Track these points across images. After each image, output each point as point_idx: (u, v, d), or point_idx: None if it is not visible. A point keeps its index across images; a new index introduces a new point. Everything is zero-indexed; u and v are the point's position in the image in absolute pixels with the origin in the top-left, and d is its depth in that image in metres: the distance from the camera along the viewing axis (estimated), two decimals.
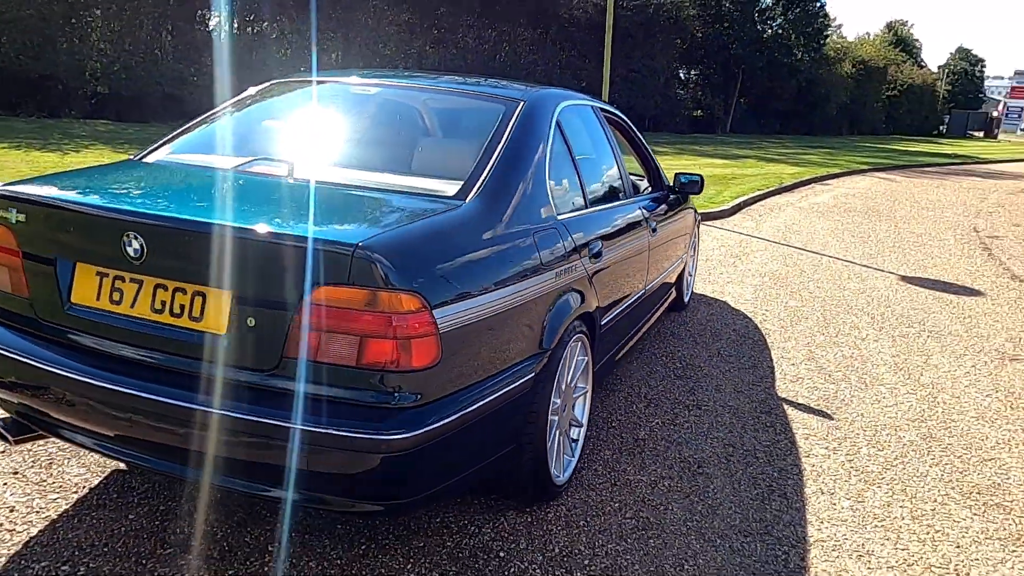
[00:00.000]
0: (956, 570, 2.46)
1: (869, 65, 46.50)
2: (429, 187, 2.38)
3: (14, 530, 2.31)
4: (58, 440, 2.38)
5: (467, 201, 2.25)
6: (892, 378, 4.20)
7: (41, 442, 2.82)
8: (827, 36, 41.55)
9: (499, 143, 2.52)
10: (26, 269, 2.14)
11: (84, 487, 2.57)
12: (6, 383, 2.18)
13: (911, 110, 53.74)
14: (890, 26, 63.03)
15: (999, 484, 3.06)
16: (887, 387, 4.05)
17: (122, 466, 2.70)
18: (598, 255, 2.91)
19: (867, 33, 60.35)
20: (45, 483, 2.58)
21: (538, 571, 2.29)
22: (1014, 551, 2.59)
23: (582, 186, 3.05)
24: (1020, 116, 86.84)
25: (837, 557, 2.48)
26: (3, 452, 2.77)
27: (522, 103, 2.77)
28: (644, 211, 3.75)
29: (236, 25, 20.09)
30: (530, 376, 2.32)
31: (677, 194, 4.50)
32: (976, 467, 3.19)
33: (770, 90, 37.39)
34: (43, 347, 2.10)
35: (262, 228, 1.85)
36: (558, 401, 2.59)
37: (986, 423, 3.66)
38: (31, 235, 2.13)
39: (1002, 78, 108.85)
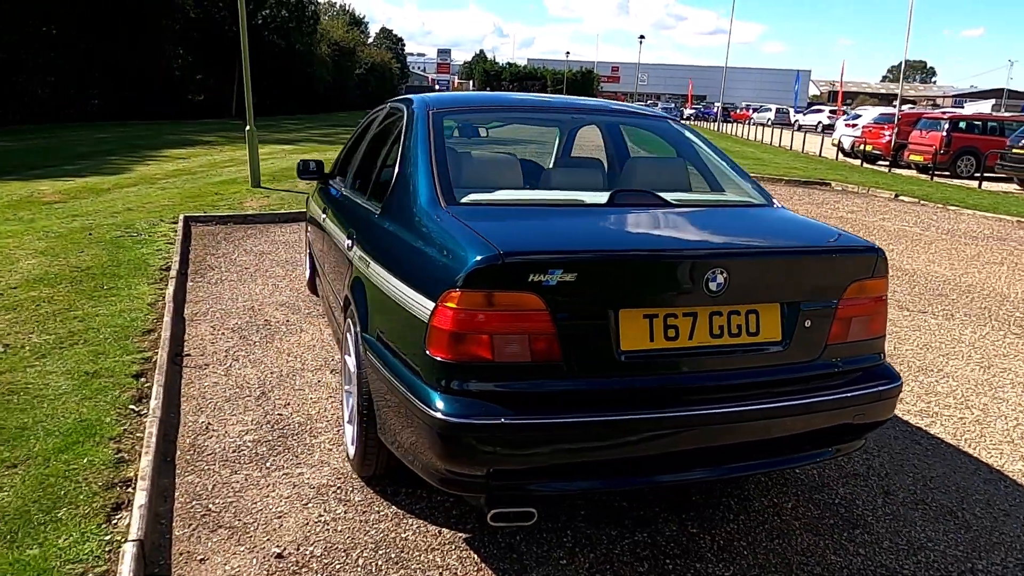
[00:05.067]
0: None
1: (342, 46, 50.33)
2: (744, 199, 3.04)
3: None
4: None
5: (775, 207, 2.98)
6: None
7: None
8: (318, 20, 43.56)
9: (722, 154, 3.31)
10: (560, 331, 2.12)
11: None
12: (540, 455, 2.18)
13: (379, 85, 59.79)
14: (343, 8, 68.54)
15: None
16: None
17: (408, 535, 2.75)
18: None
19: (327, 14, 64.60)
20: None
21: None
22: None
23: None
24: (448, 87, 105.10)
25: None
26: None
27: (675, 118, 3.63)
28: None
29: None
30: None
31: None
32: None
33: (271, 72, 37.73)
34: (593, 405, 2.16)
35: (818, 247, 2.51)
36: None
37: None
38: (578, 294, 2.12)
39: (416, 54, 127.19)
